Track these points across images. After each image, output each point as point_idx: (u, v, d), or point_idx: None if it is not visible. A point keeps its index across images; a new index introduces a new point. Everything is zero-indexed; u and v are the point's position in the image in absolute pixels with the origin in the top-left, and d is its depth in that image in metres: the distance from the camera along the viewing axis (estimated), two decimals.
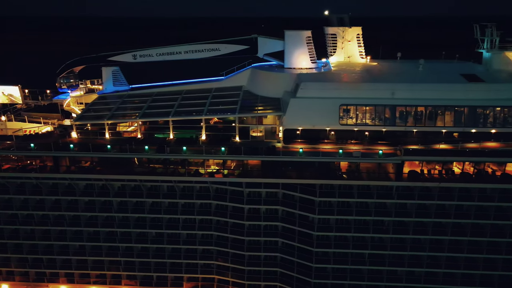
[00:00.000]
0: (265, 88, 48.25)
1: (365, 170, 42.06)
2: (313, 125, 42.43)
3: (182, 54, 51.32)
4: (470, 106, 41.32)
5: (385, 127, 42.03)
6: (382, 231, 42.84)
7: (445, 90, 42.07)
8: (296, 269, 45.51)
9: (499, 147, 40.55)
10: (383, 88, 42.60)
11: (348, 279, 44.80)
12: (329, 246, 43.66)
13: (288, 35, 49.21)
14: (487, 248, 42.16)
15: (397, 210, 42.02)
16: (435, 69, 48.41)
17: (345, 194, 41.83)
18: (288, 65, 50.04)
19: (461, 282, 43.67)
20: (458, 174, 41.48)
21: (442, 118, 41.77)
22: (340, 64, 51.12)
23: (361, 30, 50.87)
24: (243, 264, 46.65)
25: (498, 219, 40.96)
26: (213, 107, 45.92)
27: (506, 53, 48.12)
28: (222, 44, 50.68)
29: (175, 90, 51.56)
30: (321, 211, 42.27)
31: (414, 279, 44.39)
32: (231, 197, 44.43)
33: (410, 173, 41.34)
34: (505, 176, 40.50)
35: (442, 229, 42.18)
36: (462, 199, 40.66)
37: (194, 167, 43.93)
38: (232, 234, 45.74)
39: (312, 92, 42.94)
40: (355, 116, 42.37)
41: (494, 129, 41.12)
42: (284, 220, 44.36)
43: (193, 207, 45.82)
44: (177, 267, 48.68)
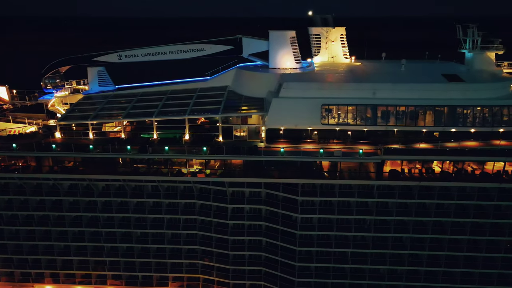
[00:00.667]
0: (249, 88, 48.50)
1: (347, 169, 42.41)
2: (295, 125, 42.73)
3: (167, 55, 51.47)
4: (450, 105, 41.76)
5: (366, 126, 42.40)
6: (364, 230, 43.21)
7: (425, 90, 42.49)
8: (280, 268, 45.82)
9: (478, 146, 41.01)
10: (365, 88, 42.99)
11: (331, 277, 45.15)
12: (312, 245, 43.97)
13: (272, 35, 49.48)
14: (467, 246, 42.66)
15: (379, 209, 42.43)
16: (417, 69, 48.88)
17: (327, 193, 42.19)
18: (273, 65, 50.32)
19: (442, 279, 44.15)
20: (438, 173, 41.90)
21: (422, 117, 42.17)
22: (324, 64, 51.45)
23: (345, 30, 51.20)
24: (228, 263, 46.89)
25: (478, 217, 41.46)
26: (197, 107, 46.09)
27: (488, 53, 48.65)
28: (207, 44, 50.89)
29: (160, 90, 51.73)
30: (303, 210, 42.59)
31: (396, 277, 44.82)
32: (215, 197, 44.65)
33: (391, 172, 41.74)
34: (484, 174, 40.94)
35: (423, 228, 42.61)
36: (442, 197, 41.13)
37: (177, 167, 44.07)
38: (216, 234, 45.96)
39: (294, 92, 43.25)
40: (336, 116, 42.70)
41: (474, 129, 41.58)
42: (268, 219, 44.64)
43: (177, 206, 46.03)
44: (162, 267, 48.84)
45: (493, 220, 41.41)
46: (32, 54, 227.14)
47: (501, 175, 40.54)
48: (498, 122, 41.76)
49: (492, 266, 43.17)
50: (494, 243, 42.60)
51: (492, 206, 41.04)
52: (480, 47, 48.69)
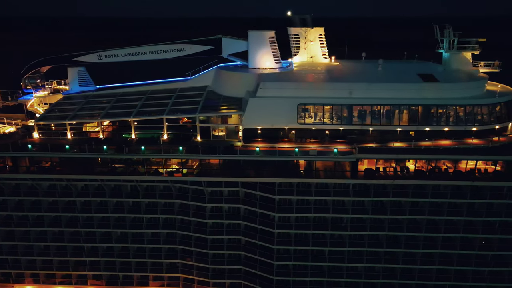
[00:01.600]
0: (228, 88, 48.74)
1: (324, 168, 42.80)
2: (271, 124, 43.06)
3: (147, 55, 51.55)
4: (424, 105, 42.31)
5: (342, 126, 42.82)
6: (341, 228, 43.64)
7: (400, 89, 42.97)
8: (259, 267, 46.14)
9: (451, 145, 41.58)
10: (341, 88, 43.41)
11: (309, 275, 45.53)
12: (290, 243, 44.33)
13: (251, 36, 49.74)
14: (442, 244, 43.24)
15: (355, 207, 42.86)
16: (393, 69, 49.37)
17: (303, 192, 42.55)
18: (252, 65, 50.59)
19: (419, 277, 44.70)
20: (413, 171, 42.40)
21: (397, 117, 42.67)
22: (303, 64, 51.81)
23: (324, 30, 51.59)
24: (207, 263, 47.15)
25: (451, 215, 42.02)
26: (175, 107, 46.28)
27: (464, 53, 49.26)
28: (187, 44, 51.03)
29: (140, 91, 51.83)
30: (280, 209, 42.92)
31: (374, 275, 45.30)
32: (193, 196, 44.86)
33: (366, 170, 42.18)
34: (457, 173, 41.51)
35: (399, 226, 43.08)
36: (416, 196, 41.66)
37: (156, 166, 44.23)
38: (196, 233, 46.19)
39: (271, 91, 43.58)
40: (313, 115, 43.09)
41: (447, 128, 42.15)
42: (246, 218, 44.94)
43: (156, 206, 46.18)
44: (142, 266, 48.97)
45: (467, 218, 42.01)
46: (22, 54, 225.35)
47: (474, 174, 41.10)
48: (471, 121, 42.38)
49: (467, 263, 43.77)
50: (468, 240, 43.24)
51: (466, 204, 41.64)
52: (456, 47, 49.34)
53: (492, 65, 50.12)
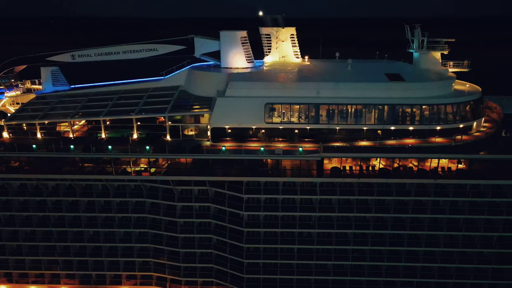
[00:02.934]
0: (200, 88, 49.01)
1: (290, 167, 43.23)
2: (239, 124, 43.42)
3: (120, 54, 51.71)
4: (390, 104, 42.86)
5: (309, 125, 43.27)
6: (309, 226, 44.13)
7: (366, 89, 43.54)
8: (229, 265, 46.56)
9: (416, 144, 42.17)
10: (308, 87, 43.88)
11: (278, 273, 46.00)
12: (259, 242, 44.77)
13: (223, 36, 50.08)
14: (408, 241, 43.88)
15: (322, 206, 43.34)
16: (363, 68, 49.89)
17: (271, 191, 42.95)
18: (225, 65, 50.93)
19: (386, 274, 45.34)
20: (378, 170, 42.94)
21: (364, 116, 43.19)
22: (275, 63, 52.22)
23: (295, 30, 52.00)
24: (179, 261, 47.46)
25: (416, 213, 42.66)
26: (146, 107, 46.49)
27: (433, 53, 49.95)
28: (159, 44, 51.28)
29: (112, 90, 51.95)
30: (248, 207, 43.34)
31: (342, 272, 45.84)
32: (164, 195, 45.15)
33: (333, 169, 42.69)
34: (421, 171, 42.14)
35: (365, 224, 43.67)
36: (381, 194, 42.23)
37: (125, 166, 44.43)
38: (167, 232, 46.46)
39: (240, 91, 43.95)
40: (280, 114, 43.51)
41: (412, 126, 42.74)
42: (216, 217, 45.29)
43: (127, 205, 46.40)
44: (115, 265, 49.16)
45: (431, 215, 42.68)
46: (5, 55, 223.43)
47: (437, 172, 41.74)
48: (436, 120, 43.01)
49: (433, 260, 44.45)
50: (434, 237, 43.92)
51: (430, 202, 42.28)
52: (426, 47, 50.01)
53: (461, 65, 50.90)
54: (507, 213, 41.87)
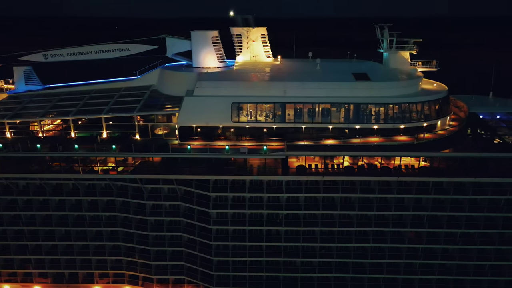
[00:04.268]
0: (171, 87, 49.37)
1: (257, 166, 43.76)
2: (207, 123, 43.89)
3: (92, 54, 52.02)
4: (355, 103, 43.53)
5: (275, 124, 43.84)
6: (277, 224, 44.69)
7: (332, 88, 44.16)
8: (199, 263, 47.08)
9: (380, 142, 42.86)
10: (275, 86, 44.47)
11: (247, 271, 46.53)
12: (227, 239, 45.29)
13: (194, 35, 50.54)
14: (373, 238, 44.59)
15: (289, 204, 43.95)
16: (331, 68, 50.50)
17: (238, 189, 43.48)
18: (196, 65, 51.41)
19: (353, 270, 46.00)
20: (343, 168, 43.58)
21: (329, 115, 43.79)
22: (245, 63, 52.74)
23: (266, 30, 52.51)
24: (150, 259, 47.87)
25: (381, 210, 43.37)
26: (116, 106, 46.83)
27: (402, 52, 50.70)
28: (131, 44, 51.64)
29: (85, 90, 52.17)
30: (216, 205, 43.84)
31: (310, 269, 46.47)
32: (133, 194, 45.53)
33: (298, 167, 43.29)
34: (385, 169, 42.84)
35: (331, 221, 44.27)
36: (347, 191, 42.87)
37: (94, 164, 44.72)
38: (137, 230, 46.85)
39: (208, 90, 44.44)
40: (247, 113, 44.03)
41: (376, 125, 43.42)
42: (185, 215, 45.74)
43: (97, 204, 46.73)
44: (87, 264, 49.49)
45: (395, 213, 43.40)
46: None
47: (400, 170, 42.46)
48: (400, 118, 43.73)
49: (398, 256, 45.19)
50: (399, 234, 44.66)
51: (394, 199, 43.02)
52: (395, 47, 50.75)
53: (429, 64, 51.71)
54: (469, 210, 42.68)
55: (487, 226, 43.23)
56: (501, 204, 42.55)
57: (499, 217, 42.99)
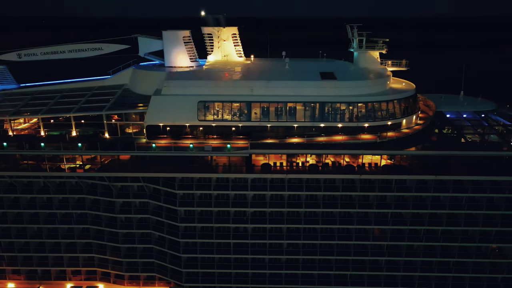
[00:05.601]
0: (142, 87, 49.89)
1: (223, 164, 44.27)
2: (173, 121, 44.42)
3: (66, 53, 52.50)
4: (320, 102, 44.06)
5: (241, 122, 44.36)
6: (243, 221, 45.24)
7: (297, 87, 44.71)
8: (169, 260, 47.61)
9: (343, 140, 43.41)
10: (241, 85, 45.02)
11: (216, 267, 47.08)
12: (194, 236, 45.82)
13: (166, 35, 51.07)
14: (338, 235, 45.15)
15: (255, 201, 44.49)
16: (300, 67, 51.01)
17: (204, 187, 44.02)
18: (168, 64, 51.95)
19: (319, 267, 46.54)
20: (308, 166, 44.11)
21: (295, 113, 44.33)
22: (216, 62, 53.27)
23: (237, 30, 53.08)
24: (120, 256, 48.41)
25: (345, 208, 43.93)
26: (86, 105, 47.40)
27: (371, 52, 51.26)
28: (104, 43, 52.14)
29: (57, 89, 52.63)
30: (182, 203, 44.36)
31: (278, 266, 46.99)
32: (103, 192, 46.05)
33: (263, 165, 43.82)
34: (348, 167, 43.41)
35: (297, 218, 44.83)
36: (311, 189, 43.42)
37: (63, 163, 45.25)
38: (107, 227, 47.40)
39: (175, 89, 44.99)
40: (213, 112, 44.55)
41: (341, 124, 43.97)
42: (154, 212, 46.29)
43: (68, 202, 47.25)
44: (59, 261, 50.02)
45: (360, 210, 43.96)
46: None
47: (364, 167, 43.02)
48: (365, 117, 44.28)
49: (364, 253, 45.73)
50: (364, 231, 45.24)
51: (358, 197, 43.58)
52: (365, 47, 51.31)
53: (399, 63, 52.30)
54: (431, 207, 43.27)
55: (449, 223, 43.82)
56: (463, 202, 43.18)
57: (461, 215, 43.61)
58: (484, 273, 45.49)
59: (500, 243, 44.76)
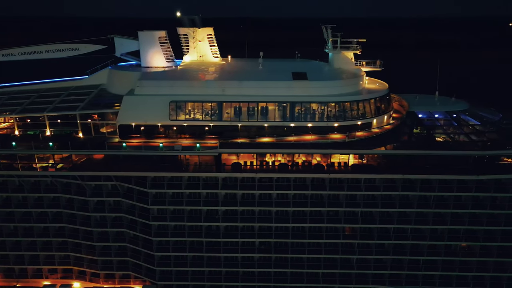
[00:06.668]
0: (117, 87, 50.29)
1: (194, 163, 44.78)
2: (145, 121, 44.89)
3: (43, 54, 52.93)
4: (290, 102, 44.54)
5: (212, 122, 44.83)
6: (215, 220, 45.71)
7: (268, 87, 45.20)
8: (143, 258, 48.07)
9: (313, 140, 43.91)
10: (212, 85, 45.52)
11: (189, 266, 47.55)
12: (167, 235, 46.29)
13: (142, 36, 51.54)
14: (309, 234, 45.64)
15: (226, 200, 44.96)
16: (274, 67, 51.43)
17: (175, 186, 44.49)
18: (145, 64, 52.42)
19: (291, 265, 47.01)
20: (278, 165, 44.58)
21: (265, 113, 44.80)
22: (192, 63, 53.72)
23: (213, 30, 53.53)
24: (95, 254, 48.83)
25: (315, 207, 44.42)
26: (61, 105, 47.88)
27: (345, 52, 51.74)
28: (81, 44, 52.61)
29: (34, 89, 53.01)
30: (154, 202, 44.84)
31: (250, 264, 47.49)
32: (77, 191, 46.50)
33: (234, 164, 44.29)
34: (318, 166, 43.90)
35: (268, 217, 45.32)
36: (281, 188, 43.91)
37: (38, 162, 45.69)
38: (82, 226, 47.84)
39: (147, 89, 45.49)
40: (185, 112, 45.02)
41: (311, 123, 44.45)
42: (128, 211, 46.73)
43: (43, 200, 47.68)
44: (35, 259, 50.43)
45: (330, 209, 44.49)
46: None
47: (333, 167, 43.52)
48: (334, 117, 44.78)
49: (334, 252, 46.21)
50: (334, 230, 45.71)
51: (327, 196, 44.07)
52: (340, 47, 51.79)
53: (373, 64, 52.79)
54: (400, 206, 43.78)
55: (418, 222, 44.33)
56: (431, 201, 43.69)
57: (430, 213, 44.12)
58: (454, 271, 46.03)
59: (469, 241, 45.31)
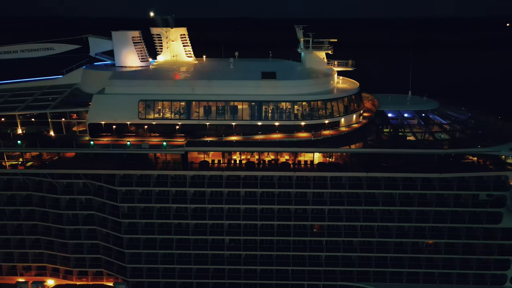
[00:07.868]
0: (90, 86, 50.60)
1: (162, 161, 45.31)
2: (115, 120, 45.39)
3: (18, 53, 53.28)
4: (257, 101, 45.12)
5: (180, 121, 45.35)
6: (184, 217, 46.23)
7: (237, 86, 45.75)
8: (114, 255, 48.55)
9: (280, 138, 44.45)
10: (182, 84, 46.07)
11: (159, 263, 48.04)
12: (137, 232, 46.80)
13: (115, 36, 51.99)
14: (277, 231, 46.20)
15: (195, 198, 45.53)
16: (245, 67, 51.91)
17: (144, 183, 45.00)
18: (119, 64, 52.86)
19: (260, 263, 47.56)
20: (245, 163, 45.14)
21: (234, 112, 45.34)
22: (165, 62, 54.22)
23: (186, 30, 54.07)
24: (68, 252, 49.32)
25: (283, 204, 44.98)
26: (33, 103, 48.34)
27: (317, 52, 52.26)
28: (55, 43, 53.04)
29: (8, 88, 53.35)
30: (124, 199, 45.36)
31: (220, 261, 48.01)
32: (48, 188, 46.98)
33: (201, 163, 44.84)
34: (284, 164, 44.47)
35: (237, 215, 45.84)
36: (248, 186, 44.46)
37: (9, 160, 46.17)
38: (54, 224, 48.32)
39: (118, 89, 46.01)
40: (154, 111, 45.54)
41: (278, 122, 45.01)
42: (99, 209, 47.22)
43: (15, 198, 48.15)
44: (9, 257, 50.87)
45: (297, 206, 45.06)
46: None
47: (299, 165, 44.10)
48: (301, 116, 45.35)
49: (303, 249, 46.72)
50: (302, 227, 46.29)
51: (294, 194, 44.63)
52: (312, 47, 52.32)
53: (345, 64, 53.33)
54: (365, 203, 44.35)
55: (384, 220, 44.93)
56: (396, 198, 44.27)
57: (395, 211, 44.72)
58: (421, 268, 46.62)
59: (435, 238, 45.90)
